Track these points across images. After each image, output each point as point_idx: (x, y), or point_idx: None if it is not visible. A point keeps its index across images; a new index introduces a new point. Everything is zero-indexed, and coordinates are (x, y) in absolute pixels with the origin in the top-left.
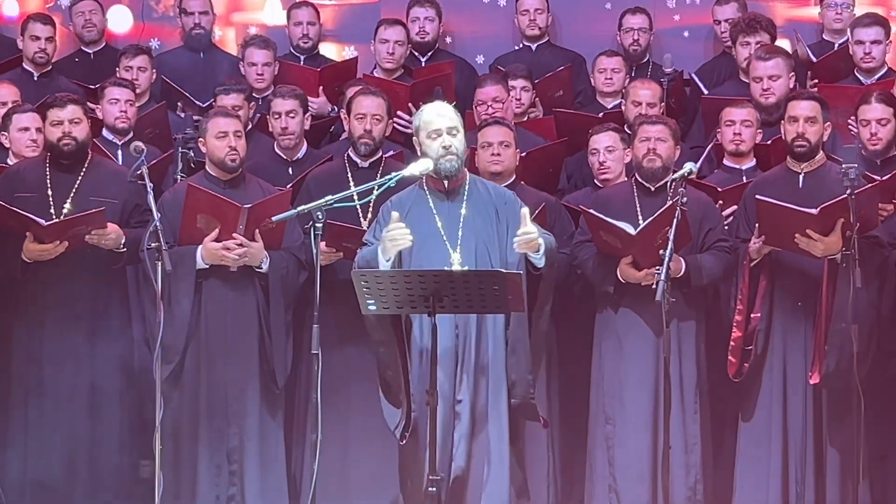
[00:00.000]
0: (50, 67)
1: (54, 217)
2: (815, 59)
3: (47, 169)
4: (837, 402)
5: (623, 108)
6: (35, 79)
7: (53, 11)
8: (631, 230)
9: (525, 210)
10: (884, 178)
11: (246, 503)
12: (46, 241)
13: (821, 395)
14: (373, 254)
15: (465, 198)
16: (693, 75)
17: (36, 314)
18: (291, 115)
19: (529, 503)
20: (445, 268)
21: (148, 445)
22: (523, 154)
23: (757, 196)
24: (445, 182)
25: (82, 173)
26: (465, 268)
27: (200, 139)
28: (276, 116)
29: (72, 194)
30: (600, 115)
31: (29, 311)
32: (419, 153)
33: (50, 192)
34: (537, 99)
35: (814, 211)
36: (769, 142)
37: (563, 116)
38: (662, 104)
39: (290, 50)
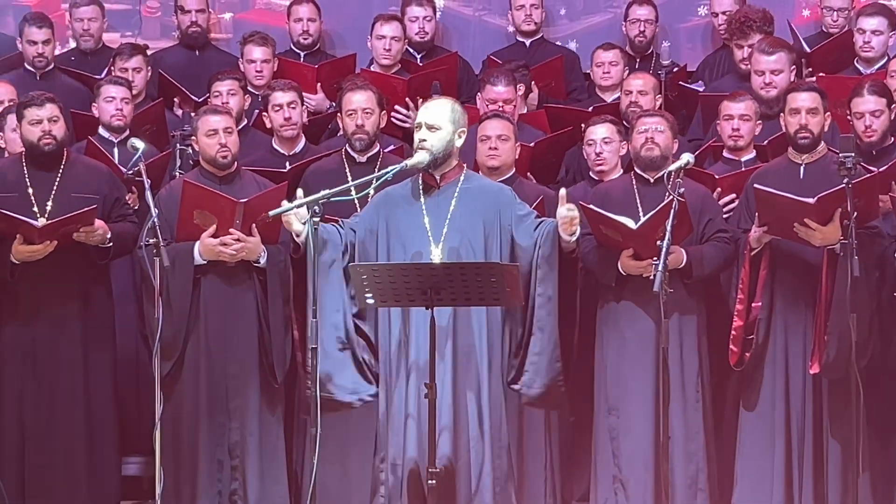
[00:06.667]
0: (51, 67)
1: (38, 215)
2: (809, 50)
3: (25, 168)
4: (838, 393)
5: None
6: (38, 79)
7: None
8: (632, 224)
9: (563, 191)
10: (881, 168)
11: (248, 498)
12: (37, 241)
13: (821, 385)
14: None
15: (456, 194)
16: (686, 85)
17: (26, 314)
18: (292, 105)
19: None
20: (426, 262)
21: (135, 443)
22: (531, 144)
23: (755, 185)
24: (437, 177)
25: (61, 170)
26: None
27: (194, 137)
28: (277, 109)
29: (53, 192)
30: (590, 109)
31: (19, 311)
32: None
33: (31, 191)
34: (536, 90)
35: (811, 200)
36: (765, 142)
37: (555, 111)
38: (660, 96)
39: (289, 47)
